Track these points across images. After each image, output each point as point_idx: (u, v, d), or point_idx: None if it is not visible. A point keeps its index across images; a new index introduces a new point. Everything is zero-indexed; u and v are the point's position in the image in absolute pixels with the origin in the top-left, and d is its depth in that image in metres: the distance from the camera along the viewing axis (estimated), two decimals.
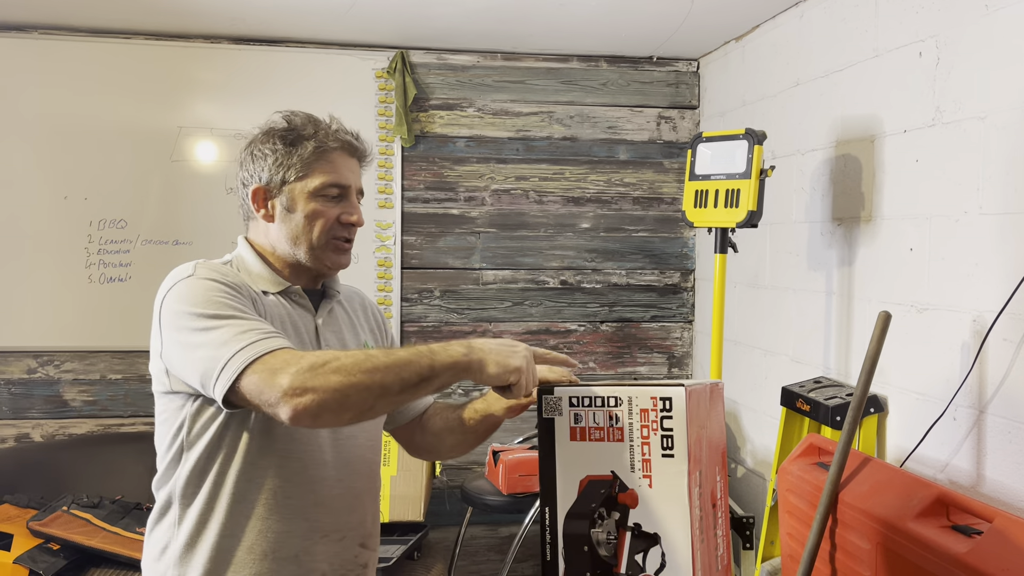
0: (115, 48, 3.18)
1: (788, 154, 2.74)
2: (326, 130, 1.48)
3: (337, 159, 1.47)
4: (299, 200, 1.45)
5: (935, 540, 1.53)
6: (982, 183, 1.86)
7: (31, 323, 3.14)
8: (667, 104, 3.56)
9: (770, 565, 2.37)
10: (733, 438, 3.17)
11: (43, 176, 3.14)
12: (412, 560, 2.78)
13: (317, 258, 1.46)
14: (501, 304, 3.47)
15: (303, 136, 1.46)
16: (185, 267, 1.38)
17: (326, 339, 1.48)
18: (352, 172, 1.49)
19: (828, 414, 2.16)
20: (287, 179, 1.45)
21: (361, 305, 1.66)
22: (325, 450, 1.42)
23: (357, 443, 1.48)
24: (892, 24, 2.19)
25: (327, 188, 1.45)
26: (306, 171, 1.44)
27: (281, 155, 1.45)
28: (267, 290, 1.44)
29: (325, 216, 1.45)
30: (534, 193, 3.49)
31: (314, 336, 1.47)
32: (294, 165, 1.44)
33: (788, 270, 2.76)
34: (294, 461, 1.38)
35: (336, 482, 1.43)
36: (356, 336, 1.57)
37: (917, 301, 2.07)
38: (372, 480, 1.53)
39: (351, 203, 1.49)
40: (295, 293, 1.48)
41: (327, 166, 1.45)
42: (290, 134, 1.46)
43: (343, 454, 1.45)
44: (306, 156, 1.44)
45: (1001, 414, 1.79)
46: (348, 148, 1.50)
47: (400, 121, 3.31)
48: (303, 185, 1.44)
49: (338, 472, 1.43)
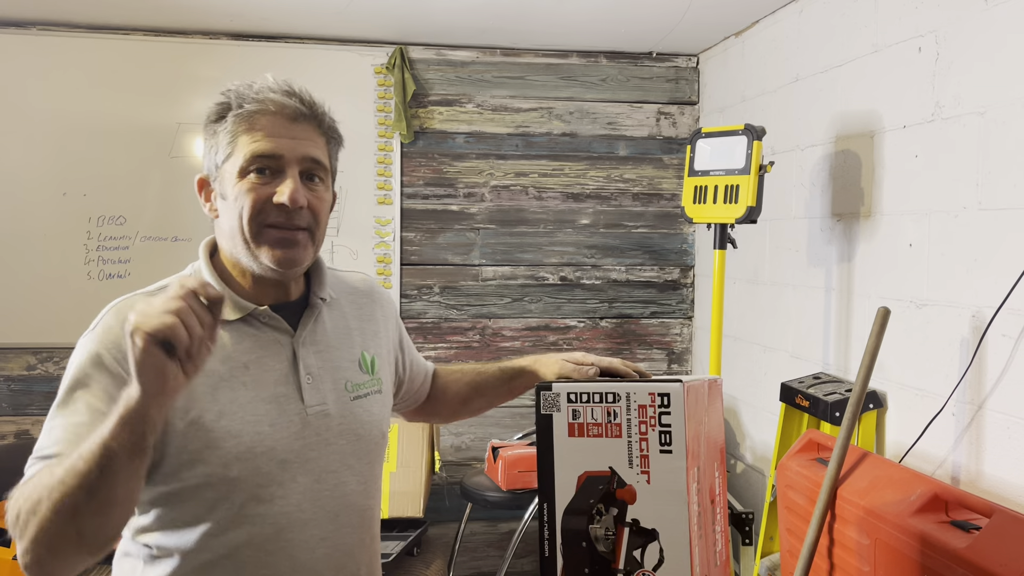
0: (114, 44, 3.18)
1: (787, 150, 2.74)
2: (245, 91, 1.20)
3: (266, 125, 1.18)
4: (228, 183, 1.19)
5: (934, 535, 1.53)
6: (981, 178, 1.86)
7: (30, 319, 3.14)
8: (666, 100, 3.56)
9: (769, 561, 2.38)
10: (732, 434, 3.18)
11: (42, 172, 3.14)
12: (412, 556, 2.78)
13: (255, 256, 1.19)
14: (500, 300, 3.47)
15: (226, 106, 1.20)
16: (104, 311, 1.18)
17: (307, 366, 1.24)
18: (290, 138, 1.19)
19: (827, 410, 2.16)
20: (218, 161, 1.20)
21: (368, 299, 1.42)
22: (304, 508, 1.20)
23: (346, 491, 1.25)
24: (891, 19, 2.18)
25: (253, 162, 1.17)
26: (232, 147, 1.18)
27: (209, 134, 1.22)
28: (225, 318, 1.18)
29: (252, 197, 1.16)
30: (533, 189, 3.49)
31: (290, 368, 1.23)
32: (221, 143, 1.20)
33: (787, 266, 2.76)
34: (266, 527, 1.17)
35: (320, 541, 1.22)
36: (351, 349, 1.32)
37: (916, 297, 2.07)
38: (366, 529, 1.30)
39: (285, 179, 1.18)
40: (262, 315, 1.22)
41: (251, 135, 1.17)
42: (218, 109, 1.21)
43: (328, 507, 1.23)
44: (230, 128, 1.19)
45: (1000, 409, 1.79)
46: (277, 108, 1.18)
47: (399, 117, 3.30)
48: (231, 164, 1.18)
49: (322, 530, 1.22)
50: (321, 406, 1.24)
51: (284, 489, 1.18)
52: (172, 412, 1.12)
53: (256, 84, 1.21)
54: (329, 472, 1.23)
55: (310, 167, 1.21)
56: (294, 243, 1.19)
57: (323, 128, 1.24)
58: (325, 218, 1.24)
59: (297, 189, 1.17)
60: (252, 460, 1.16)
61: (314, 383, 1.24)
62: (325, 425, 1.24)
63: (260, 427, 1.17)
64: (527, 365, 1.50)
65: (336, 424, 1.25)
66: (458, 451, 3.45)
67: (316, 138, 1.22)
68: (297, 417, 1.21)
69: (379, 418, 1.34)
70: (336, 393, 1.27)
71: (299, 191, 1.17)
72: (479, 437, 3.46)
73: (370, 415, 1.31)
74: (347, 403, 1.28)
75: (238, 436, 1.16)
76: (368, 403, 1.32)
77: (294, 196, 1.16)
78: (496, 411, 3.45)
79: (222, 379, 1.17)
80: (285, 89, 1.21)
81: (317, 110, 1.23)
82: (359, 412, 1.29)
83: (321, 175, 1.23)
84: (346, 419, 1.27)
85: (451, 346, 3.45)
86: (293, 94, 1.21)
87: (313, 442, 1.22)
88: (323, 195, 1.23)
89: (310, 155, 1.20)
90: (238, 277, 1.24)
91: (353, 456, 1.27)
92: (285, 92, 1.21)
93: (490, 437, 3.42)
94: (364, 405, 1.31)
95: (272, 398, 1.20)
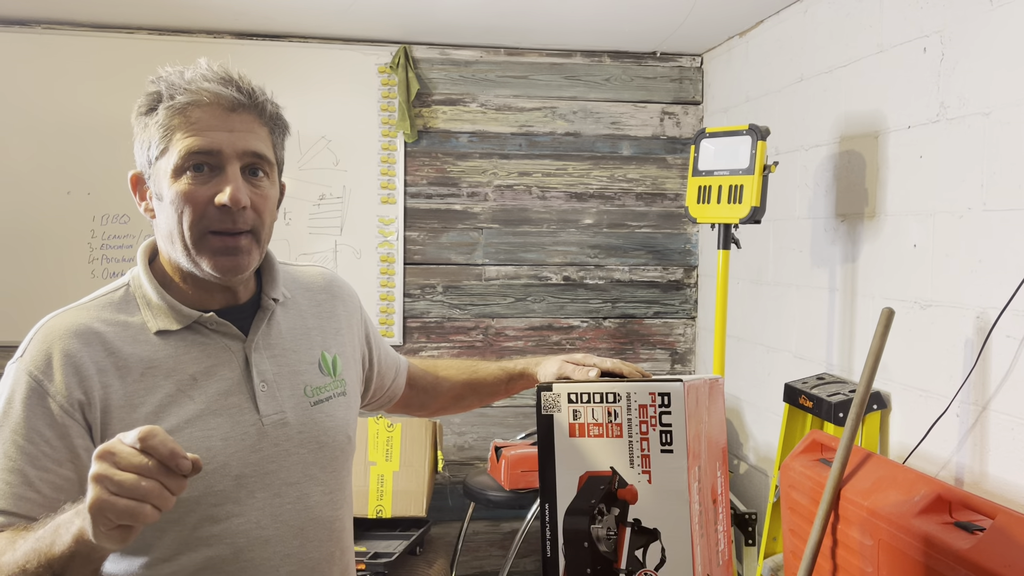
0: (118, 43, 3.19)
1: (792, 150, 2.73)
2: (178, 81, 1.08)
3: (201, 117, 1.07)
4: (163, 182, 1.09)
5: (938, 536, 1.52)
6: (986, 179, 1.85)
7: (34, 318, 3.13)
8: (670, 100, 3.55)
9: (772, 561, 2.37)
10: (736, 434, 3.17)
11: (46, 171, 3.14)
12: (414, 555, 2.78)
13: (195, 263, 1.10)
14: (504, 300, 3.47)
15: (157, 96, 1.09)
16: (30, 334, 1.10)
17: (261, 372, 1.17)
18: (228, 131, 1.08)
19: (831, 410, 2.15)
20: (151, 158, 1.10)
21: (327, 294, 1.33)
22: (264, 525, 1.13)
23: (310, 503, 1.18)
24: (896, 19, 2.18)
25: (189, 159, 1.06)
26: (166, 142, 1.08)
27: (140, 128, 1.12)
28: (167, 328, 1.11)
29: (191, 200, 1.07)
30: (537, 189, 3.48)
31: (242, 376, 1.15)
32: (153, 137, 1.09)
33: (791, 266, 2.76)
34: (223, 548, 1.10)
35: (283, 559, 1.15)
36: (309, 350, 1.24)
37: (920, 297, 2.07)
38: (335, 542, 1.22)
39: (225, 176, 1.07)
40: (209, 322, 1.14)
41: (186, 129, 1.06)
42: (148, 100, 1.10)
43: (291, 523, 1.16)
44: (162, 121, 1.07)
45: (1004, 411, 1.79)
46: (212, 98, 1.07)
47: (403, 116, 3.31)
48: (165, 162, 1.08)
49: (285, 547, 1.15)
50: (278, 415, 1.16)
51: (241, 507, 1.11)
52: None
53: (188, 72, 1.09)
54: (290, 485, 1.16)
55: (252, 161, 1.11)
56: (237, 250, 1.10)
57: (264, 117, 1.13)
58: (270, 216, 1.16)
59: (238, 188, 1.07)
60: (203, 479, 1.07)
61: (269, 390, 1.17)
62: (284, 435, 1.16)
63: (211, 443, 1.10)
64: (527, 367, 1.47)
65: (296, 433, 1.18)
66: (461, 450, 3.45)
67: (258, 129, 1.11)
68: (252, 428, 1.14)
69: (343, 422, 1.26)
70: (295, 400, 1.19)
71: (241, 190, 1.08)
72: (482, 436, 3.45)
73: (333, 420, 1.23)
74: (307, 409, 1.20)
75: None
76: (331, 407, 1.24)
77: (235, 196, 1.07)
78: (499, 410, 3.45)
79: (167, 396, 1.09)
80: (221, 76, 1.09)
81: (257, 98, 1.11)
82: (321, 418, 1.21)
83: (265, 169, 1.13)
84: (306, 427, 1.19)
85: (454, 346, 3.45)
86: (230, 82, 1.09)
87: (271, 454, 1.15)
88: (267, 192, 1.13)
89: (251, 149, 1.10)
90: (180, 282, 1.15)
91: (316, 466, 1.20)
92: (221, 80, 1.09)
93: (493, 436, 3.42)
94: (326, 410, 1.23)
95: (223, 410, 1.12)
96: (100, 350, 1.09)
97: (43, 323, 1.12)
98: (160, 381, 1.10)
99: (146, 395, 1.08)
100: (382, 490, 2.90)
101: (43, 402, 1.05)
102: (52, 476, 1.04)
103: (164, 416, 1.08)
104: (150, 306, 1.13)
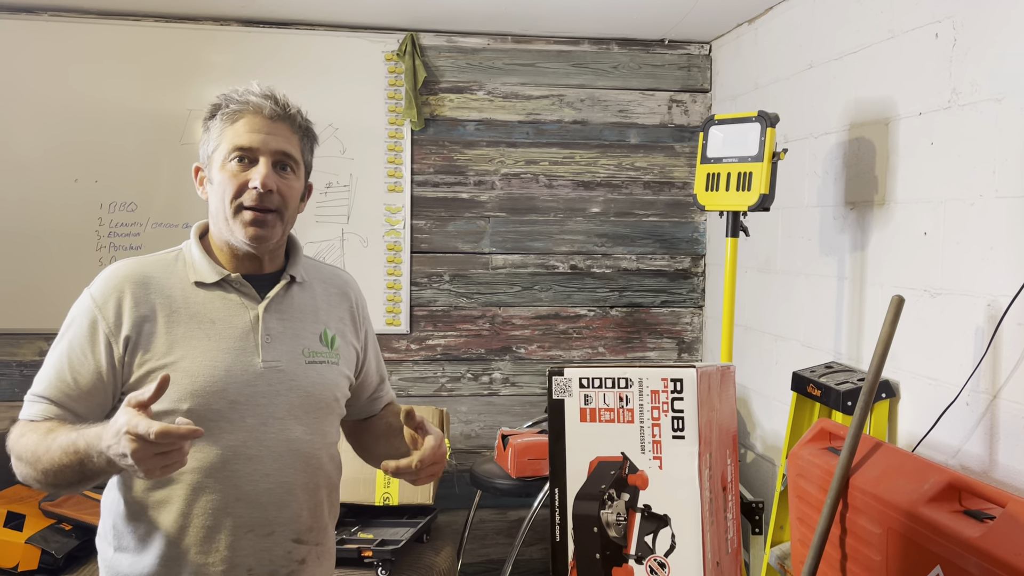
0: (125, 30, 3.18)
1: (801, 137, 2.72)
2: (232, 95, 1.44)
3: (245, 123, 1.41)
4: (215, 170, 1.43)
5: (947, 525, 1.52)
6: (998, 166, 1.84)
7: (42, 306, 3.15)
8: (679, 87, 3.53)
9: (779, 550, 2.37)
10: (743, 423, 3.17)
11: (54, 159, 3.14)
12: (421, 543, 2.79)
13: (232, 232, 1.42)
14: (511, 289, 3.47)
15: (218, 106, 1.45)
16: (103, 272, 1.44)
17: (269, 328, 1.43)
18: (264, 134, 1.41)
19: (839, 399, 2.15)
20: (209, 152, 1.45)
21: (340, 292, 1.59)
22: (250, 445, 1.38)
23: (290, 436, 1.42)
24: (908, 5, 2.16)
25: (232, 153, 1.40)
26: (219, 140, 1.42)
27: (204, 130, 1.46)
28: (203, 280, 1.43)
29: (232, 182, 1.40)
30: (544, 177, 3.47)
31: (252, 327, 1.42)
32: (211, 136, 1.44)
33: (800, 254, 2.74)
34: (213, 456, 1.36)
35: (263, 476, 1.39)
36: (315, 324, 1.50)
37: (931, 286, 2.06)
38: (310, 474, 1.44)
39: (259, 167, 1.41)
40: (235, 282, 1.44)
41: (232, 131, 1.41)
42: (211, 108, 1.46)
43: (272, 449, 1.40)
44: (219, 124, 1.43)
45: (1015, 399, 1.78)
46: (256, 109, 1.42)
47: (410, 104, 3.29)
48: (218, 154, 1.42)
49: (265, 467, 1.39)
50: (276, 362, 1.42)
51: (233, 426, 1.37)
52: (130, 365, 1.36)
53: (242, 89, 1.44)
54: (276, 419, 1.40)
55: (281, 159, 1.42)
56: (264, 223, 1.41)
57: (295, 127, 1.46)
58: (294, 203, 1.46)
59: (268, 175, 1.39)
60: (204, 397, 1.35)
61: (272, 343, 1.42)
62: (277, 379, 1.41)
63: (216, 371, 1.37)
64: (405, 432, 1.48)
65: (288, 379, 1.42)
66: (468, 439, 3.45)
67: (290, 135, 1.44)
68: (252, 368, 1.40)
69: (332, 383, 1.49)
70: (292, 355, 1.44)
71: (269, 176, 1.39)
72: (489, 425, 3.46)
73: (322, 378, 1.47)
74: (301, 365, 1.45)
75: (194, 376, 1.35)
76: (323, 368, 1.47)
77: (264, 180, 1.38)
78: (505, 399, 3.45)
79: (190, 330, 1.39)
80: (265, 94, 1.43)
81: (290, 111, 1.45)
82: (311, 374, 1.45)
83: (292, 166, 1.44)
84: (298, 377, 1.43)
85: (461, 334, 3.45)
86: (271, 97, 1.43)
87: (264, 391, 1.40)
88: (292, 183, 1.44)
89: (281, 149, 1.42)
90: (219, 252, 1.47)
91: (300, 409, 1.43)
92: (264, 96, 1.43)
93: (500, 425, 3.42)
94: (318, 369, 1.46)
95: (231, 350, 1.39)
96: (149, 290, 1.41)
97: (114, 265, 1.45)
98: (187, 319, 1.40)
99: (175, 327, 1.39)
100: (389, 477, 2.91)
101: (94, 323, 1.38)
102: (88, 378, 1.37)
103: (184, 344, 1.37)
104: (193, 264, 1.45)
